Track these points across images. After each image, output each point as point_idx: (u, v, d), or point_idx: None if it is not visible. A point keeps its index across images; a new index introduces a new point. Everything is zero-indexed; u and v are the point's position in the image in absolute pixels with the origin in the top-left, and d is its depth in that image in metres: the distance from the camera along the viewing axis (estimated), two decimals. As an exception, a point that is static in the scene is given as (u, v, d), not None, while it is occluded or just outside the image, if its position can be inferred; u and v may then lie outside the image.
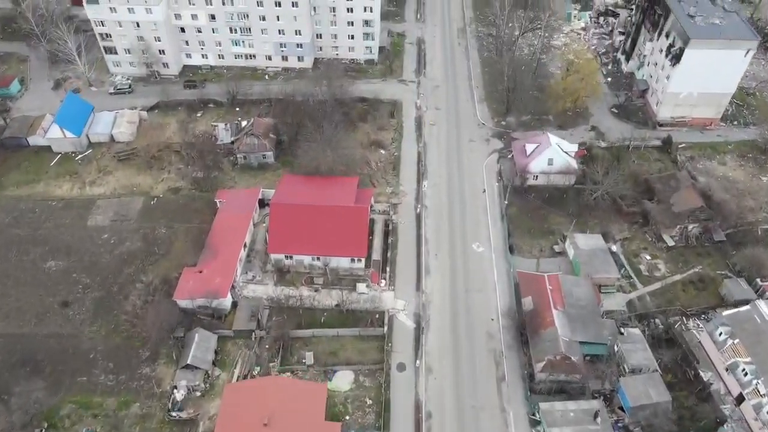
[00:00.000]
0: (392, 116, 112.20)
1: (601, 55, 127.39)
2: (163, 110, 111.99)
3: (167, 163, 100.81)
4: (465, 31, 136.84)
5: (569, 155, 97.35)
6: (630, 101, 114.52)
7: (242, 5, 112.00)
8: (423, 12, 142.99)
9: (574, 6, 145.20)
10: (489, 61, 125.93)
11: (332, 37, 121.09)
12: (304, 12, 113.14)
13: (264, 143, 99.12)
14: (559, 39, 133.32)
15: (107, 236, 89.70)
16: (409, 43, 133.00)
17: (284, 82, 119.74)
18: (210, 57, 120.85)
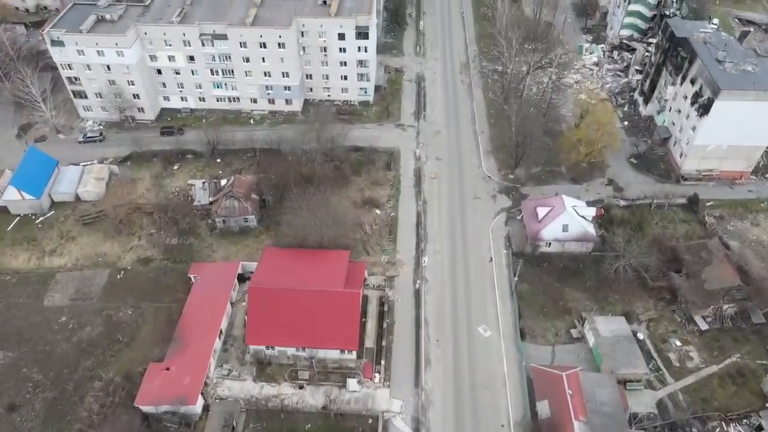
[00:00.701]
0: (389, 168, 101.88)
1: (617, 95, 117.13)
2: (136, 162, 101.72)
3: (138, 228, 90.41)
4: (468, 65, 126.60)
5: (586, 220, 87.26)
6: (650, 150, 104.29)
7: (224, 46, 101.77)
8: (423, 44, 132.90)
9: (586, 38, 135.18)
10: (495, 103, 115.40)
11: (323, 78, 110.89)
12: (292, 53, 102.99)
13: (245, 206, 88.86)
14: (570, 76, 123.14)
15: (65, 319, 79.28)
16: (407, 80, 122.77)
17: (271, 127, 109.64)
18: (190, 100, 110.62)
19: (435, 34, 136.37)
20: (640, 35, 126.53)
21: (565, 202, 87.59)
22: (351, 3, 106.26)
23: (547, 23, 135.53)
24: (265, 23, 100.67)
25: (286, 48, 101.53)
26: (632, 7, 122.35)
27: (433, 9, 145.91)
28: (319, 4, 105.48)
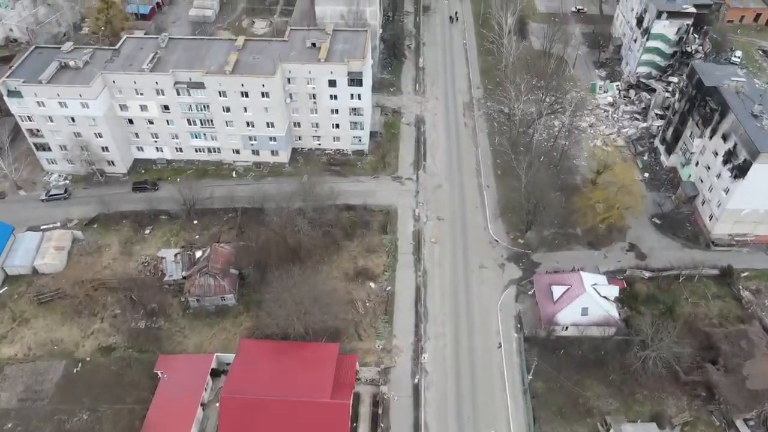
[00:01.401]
0: (385, 231, 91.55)
1: (635, 142, 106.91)
2: (103, 225, 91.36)
3: (100, 308, 79.86)
4: (472, 105, 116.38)
5: (609, 300, 77.07)
6: (675, 209, 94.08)
7: (201, 95, 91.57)
8: (422, 81, 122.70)
9: (599, 73, 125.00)
10: (501, 151, 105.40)
11: (313, 126, 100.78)
12: (278, 102, 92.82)
13: (222, 284, 78.61)
14: (583, 118, 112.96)
15: (11, 426, 69.06)
16: (406, 123, 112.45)
17: (255, 180, 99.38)
18: (166, 150, 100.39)
19: (436, 69, 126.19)
20: (659, 73, 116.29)
21: (584, 281, 77.32)
22: (343, 45, 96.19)
23: (558, 57, 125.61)
24: (247, 70, 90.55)
25: (271, 97, 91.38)
26: (651, 43, 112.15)
27: (433, 39, 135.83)
28: (307, 46, 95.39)
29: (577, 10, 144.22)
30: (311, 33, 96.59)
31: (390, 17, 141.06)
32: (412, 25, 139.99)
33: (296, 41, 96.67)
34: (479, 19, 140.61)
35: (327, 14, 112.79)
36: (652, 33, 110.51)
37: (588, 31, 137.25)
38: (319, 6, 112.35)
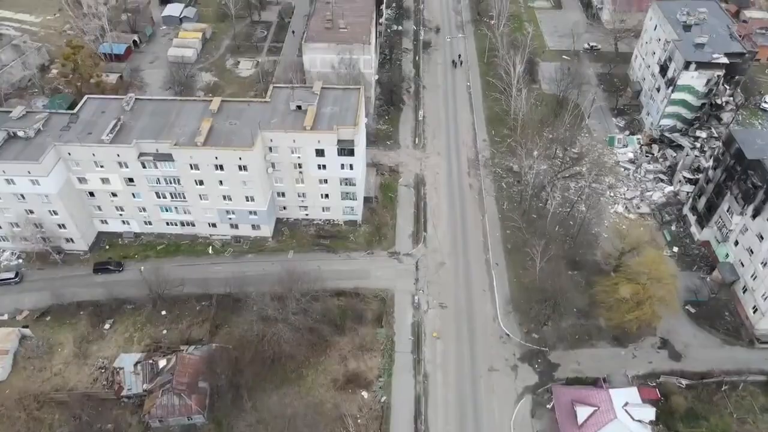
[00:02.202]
0: (380, 324, 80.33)
1: (661, 209, 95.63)
2: (57, 318, 79.85)
3: (46, 429, 68.93)
4: (478, 163, 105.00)
5: (643, 425, 65.67)
6: (711, 294, 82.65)
7: (170, 168, 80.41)
8: (423, 133, 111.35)
9: (617, 122, 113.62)
10: (511, 218, 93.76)
11: (299, 196, 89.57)
12: (257, 176, 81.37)
13: (189, 404, 67.14)
14: (601, 178, 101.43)
15: None
16: (404, 185, 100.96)
17: (234, 258, 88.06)
18: (133, 223, 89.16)
19: (437, 117, 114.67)
20: (685, 126, 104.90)
21: (614, 402, 65.82)
22: (332, 107, 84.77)
23: (571, 103, 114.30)
24: (222, 140, 79.12)
25: (250, 170, 80.00)
26: (677, 95, 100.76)
27: (434, 81, 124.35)
28: (292, 109, 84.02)
29: (590, 47, 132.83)
30: (296, 93, 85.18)
31: (387, 56, 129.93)
32: (411, 65, 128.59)
33: (279, 102, 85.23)
34: (484, 57, 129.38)
35: (316, 63, 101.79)
36: (679, 85, 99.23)
37: (603, 72, 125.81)
38: (307, 54, 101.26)
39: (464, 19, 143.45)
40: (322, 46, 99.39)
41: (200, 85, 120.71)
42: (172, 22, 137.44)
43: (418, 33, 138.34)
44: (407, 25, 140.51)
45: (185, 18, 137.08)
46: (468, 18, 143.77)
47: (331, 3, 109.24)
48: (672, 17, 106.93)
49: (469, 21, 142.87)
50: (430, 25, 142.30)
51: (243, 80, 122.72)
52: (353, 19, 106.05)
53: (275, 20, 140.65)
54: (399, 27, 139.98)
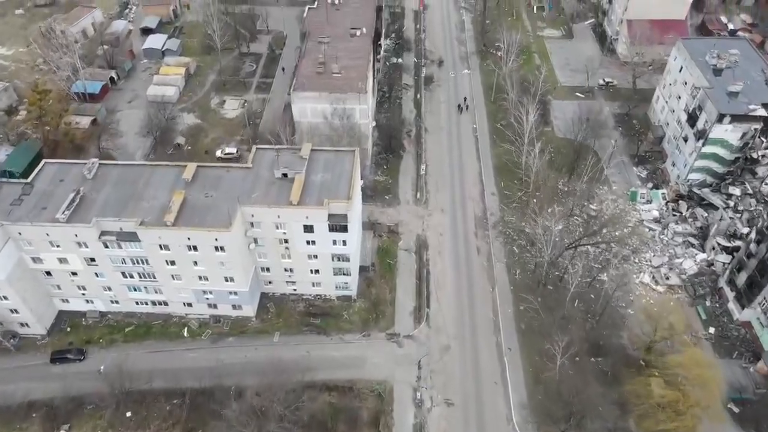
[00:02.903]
0: (377, 427, 69.90)
1: (694, 282, 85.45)
2: (5, 423, 69.94)
3: None
4: (486, 221, 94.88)
5: None
6: (758, 390, 72.42)
7: (136, 249, 70.34)
8: (425, 185, 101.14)
9: (638, 172, 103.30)
10: (526, 292, 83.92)
11: (287, 271, 79.41)
12: (236, 256, 71.05)
13: None
14: (623, 240, 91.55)
15: None
16: (404, 249, 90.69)
17: (212, 342, 77.67)
18: (98, 302, 79.04)
19: (441, 166, 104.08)
20: (716, 180, 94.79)
21: None
22: (323, 174, 74.31)
23: (587, 149, 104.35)
24: (196, 217, 68.57)
25: (228, 251, 69.92)
26: (708, 149, 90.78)
27: (437, 123, 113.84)
28: (277, 177, 73.84)
29: (605, 83, 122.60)
30: (282, 156, 74.86)
31: (385, 93, 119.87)
32: (411, 103, 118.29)
33: (263, 168, 74.92)
34: (491, 95, 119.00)
35: (306, 113, 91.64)
36: (711, 138, 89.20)
37: (621, 113, 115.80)
38: (296, 104, 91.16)
39: (469, 51, 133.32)
40: (313, 95, 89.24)
41: (182, 128, 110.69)
42: (154, 55, 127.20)
43: (420, 66, 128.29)
44: (407, 58, 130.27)
45: (168, 51, 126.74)
46: (473, 49, 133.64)
47: (324, 44, 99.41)
48: (700, 59, 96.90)
49: (474, 52, 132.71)
50: (432, 56, 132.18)
51: (228, 122, 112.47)
52: (348, 61, 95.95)
53: (265, 52, 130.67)
54: (399, 60, 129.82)
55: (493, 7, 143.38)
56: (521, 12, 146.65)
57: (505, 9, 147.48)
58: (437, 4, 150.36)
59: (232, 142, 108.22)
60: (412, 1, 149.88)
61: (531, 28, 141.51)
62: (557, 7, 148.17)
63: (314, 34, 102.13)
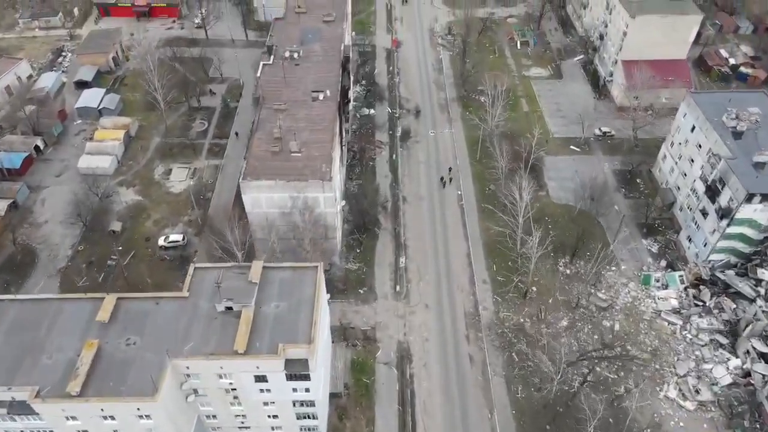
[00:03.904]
0: None
1: (729, 393, 71.91)
2: None
3: None
4: (478, 319, 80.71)
5: None
6: None
7: (35, 422, 54.37)
8: (405, 273, 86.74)
9: (648, 245, 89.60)
10: (532, 416, 69.61)
11: (238, 416, 64.15)
12: (165, 424, 55.55)
13: None
14: (639, 338, 78.29)
15: None
16: (383, 362, 75.82)
17: None
18: (0, 468, 63.33)
19: (423, 247, 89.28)
20: (741, 260, 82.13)
21: None
22: (279, 303, 58.35)
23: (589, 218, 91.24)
24: (111, 378, 52.64)
25: (155, 418, 54.69)
26: (733, 229, 78.09)
27: (417, 190, 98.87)
28: (220, 311, 58.46)
29: (602, 134, 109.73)
30: (226, 282, 59.65)
31: (356, 155, 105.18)
32: (387, 166, 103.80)
33: (202, 297, 59.34)
34: (476, 153, 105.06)
35: (260, 203, 76.48)
36: (737, 218, 76.49)
37: (622, 170, 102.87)
38: (247, 194, 76.02)
39: (449, 97, 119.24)
40: (267, 184, 74.25)
41: (119, 208, 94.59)
42: (90, 114, 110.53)
43: (394, 118, 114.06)
44: (380, 109, 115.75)
45: (105, 110, 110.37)
46: (453, 95, 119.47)
47: (280, 112, 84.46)
48: (716, 120, 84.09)
49: (455, 99, 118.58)
50: (407, 105, 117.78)
51: (175, 198, 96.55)
52: (310, 135, 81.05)
53: (219, 106, 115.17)
54: (371, 111, 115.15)
55: (473, 42, 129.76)
56: (504, 48, 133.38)
57: (486, 45, 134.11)
58: (412, 41, 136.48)
59: (179, 224, 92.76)
60: (384, 39, 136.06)
61: (515, 66, 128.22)
62: (543, 42, 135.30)
63: (270, 99, 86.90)
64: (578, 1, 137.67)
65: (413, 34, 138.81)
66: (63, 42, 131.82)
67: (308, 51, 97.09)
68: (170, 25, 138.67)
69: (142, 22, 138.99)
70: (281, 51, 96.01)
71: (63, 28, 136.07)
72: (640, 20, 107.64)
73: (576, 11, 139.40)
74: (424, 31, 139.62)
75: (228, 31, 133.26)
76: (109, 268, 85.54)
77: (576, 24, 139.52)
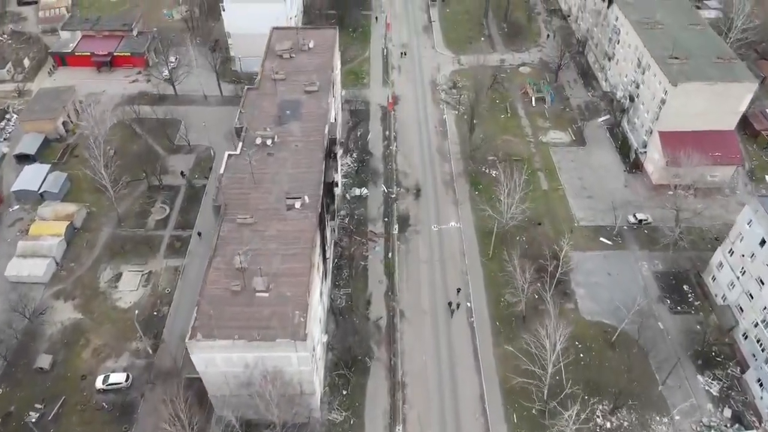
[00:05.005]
0: None
1: None
2: None
3: None
4: (496, 497, 63.95)
5: None
6: None
7: None
8: (404, 422, 69.72)
9: (704, 383, 72.47)
10: None
11: None
12: None
13: None
14: None
15: None
16: None
17: None
18: None
19: (425, 388, 71.17)
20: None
21: None
22: None
23: (633, 344, 73.94)
24: None
25: None
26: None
27: (418, 303, 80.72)
28: None
29: (637, 221, 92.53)
30: None
31: (344, 252, 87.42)
32: (380, 268, 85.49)
33: None
34: (487, 249, 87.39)
35: (216, 363, 58.94)
36: (834, 381, 59.47)
37: (665, 271, 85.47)
38: (197, 355, 58.48)
39: (454, 171, 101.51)
40: (223, 344, 56.96)
41: (51, 333, 76.84)
42: (29, 198, 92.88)
43: (390, 200, 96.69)
44: (374, 188, 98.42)
45: (47, 193, 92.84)
46: (460, 168, 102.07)
47: (246, 226, 67.05)
48: (795, 236, 67.31)
49: (462, 173, 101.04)
50: (406, 181, 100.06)
51: (123, 316, 78.30)
52: (282, 263, 63.28)
53: (183, 184, 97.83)
54: (363, 191, 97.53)
55: (482, 99, 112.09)
56: (516, 105, 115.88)
57: (497, 101, 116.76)
58: (411, 96, 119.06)
59: (125, 353, 75.13)
60: (379, 93, 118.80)
61: (531, 129, 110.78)
62: (561, 98, 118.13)
63: (234, 207, 69.42)
64: (600, 51, 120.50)
65: (413, 87, 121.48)
66: (9, 100, 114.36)
67: (285, 134, 79.69)
68: (135, 77, 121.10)
69: (103, 74, 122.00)
70: (252, 135, 78.81)
71: (11, 82, 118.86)
72: (683, 88, 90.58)
73: (598, 60, 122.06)
74: (425, 83, 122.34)
75: (200, 86, 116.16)
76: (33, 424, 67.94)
77: (598, 75, 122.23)
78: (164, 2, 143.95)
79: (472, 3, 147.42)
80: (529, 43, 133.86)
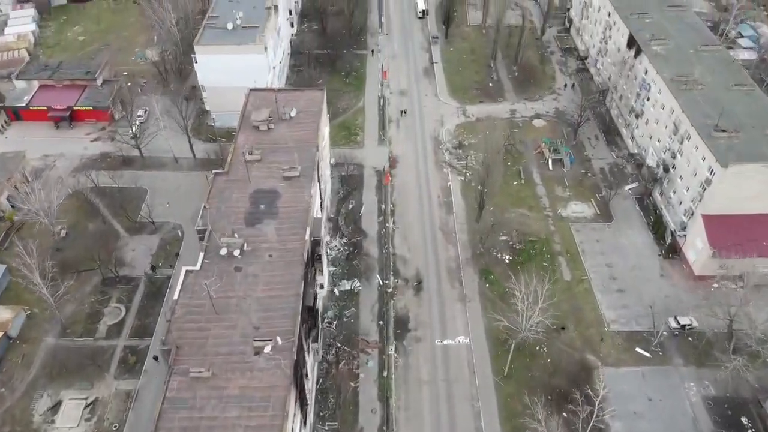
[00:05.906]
0: None
1: None
2: None
3: None
4: None
5: None
6: None
7: None
8: None
9: None
10: None
11: None
12: None
13: None
14: None
15: None
16: None
17: None
18: None
19: None
20: None
21: None
22: None
23: None
24: None
25: None
26: None
27: (417, 400, 68.81)
28: None
29: (680, 327, 77.80)
30: None
31: (329, 371, 72.50)
32: (374, 394, 70.25)
33: None
34: (502, 366, 72.06)
35: None
36: None
37: (718, 397, 70.99)
38: None
39: (461, 257, 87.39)
40: None
41: (-31, 489, 63.38)
42: (-42, 298, 79.42)
43: (386, 296, 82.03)
44: (366, 282, 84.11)
45: (-20, 293, 79.20)
46: (468, 254, 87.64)
47: (199, 389, 52.63)
48: None
49: (470, 260, 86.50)
50: (405, 269, 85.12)
51: (57, 464, 65.25)
52: None
53: (143, 276, 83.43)
54: (354, 284, 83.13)
55: (494, 165, 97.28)
56: (531, 170, 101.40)
57: (508, 163, 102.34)
58: (411, 156, 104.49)
59: None
60: (375, 153, 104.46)
61: (548, 199, 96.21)
62: (580, 159, 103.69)
63: (186, 354, 55.00)
64: (626, 105, 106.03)
65: (413, 145, 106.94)
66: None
67: (257, 239, 65.24)
68: (97, 134, 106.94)
69: (62, 130, 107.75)
70: (216, 242, 64.50)
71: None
72: (735, 171, 76.21)
73: (623, 115, 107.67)
74: (426, 140, 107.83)
75: (170, 147, 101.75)
76: None
77: (623, 131, 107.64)
78: (137, 41, 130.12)
79: (477, 41, 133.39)
80: (543, 91, 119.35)
